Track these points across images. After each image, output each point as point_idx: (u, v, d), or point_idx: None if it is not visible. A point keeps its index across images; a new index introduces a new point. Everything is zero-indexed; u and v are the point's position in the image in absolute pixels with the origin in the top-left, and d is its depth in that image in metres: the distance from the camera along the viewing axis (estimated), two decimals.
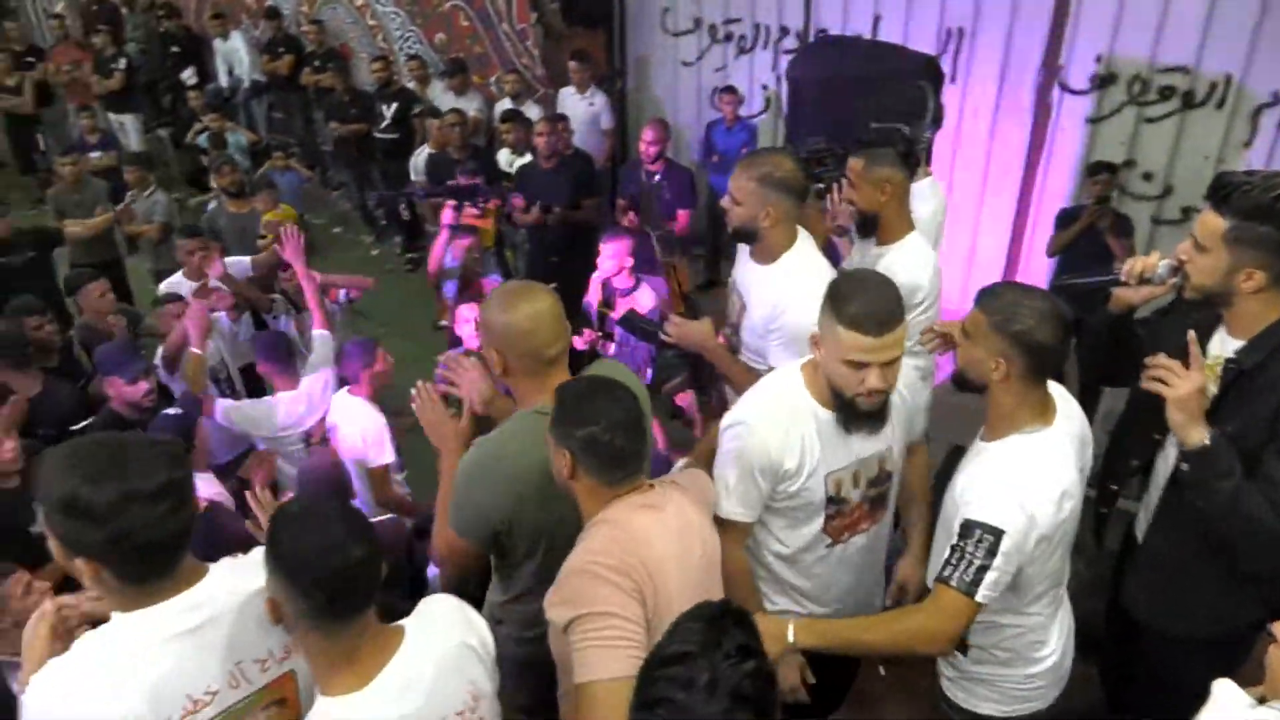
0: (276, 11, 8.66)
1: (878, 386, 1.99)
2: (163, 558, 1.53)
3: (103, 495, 1.43)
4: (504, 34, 7.32)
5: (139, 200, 6.41)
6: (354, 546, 1.51)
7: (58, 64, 8.82)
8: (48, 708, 1.48)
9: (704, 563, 1.95)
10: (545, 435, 1.90)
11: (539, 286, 2.11)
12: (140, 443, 1.54)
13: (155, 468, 1.47)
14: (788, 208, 2.59)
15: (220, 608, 1.59)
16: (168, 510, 1.47)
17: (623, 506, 1.85)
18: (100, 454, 1.48)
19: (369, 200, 8.12)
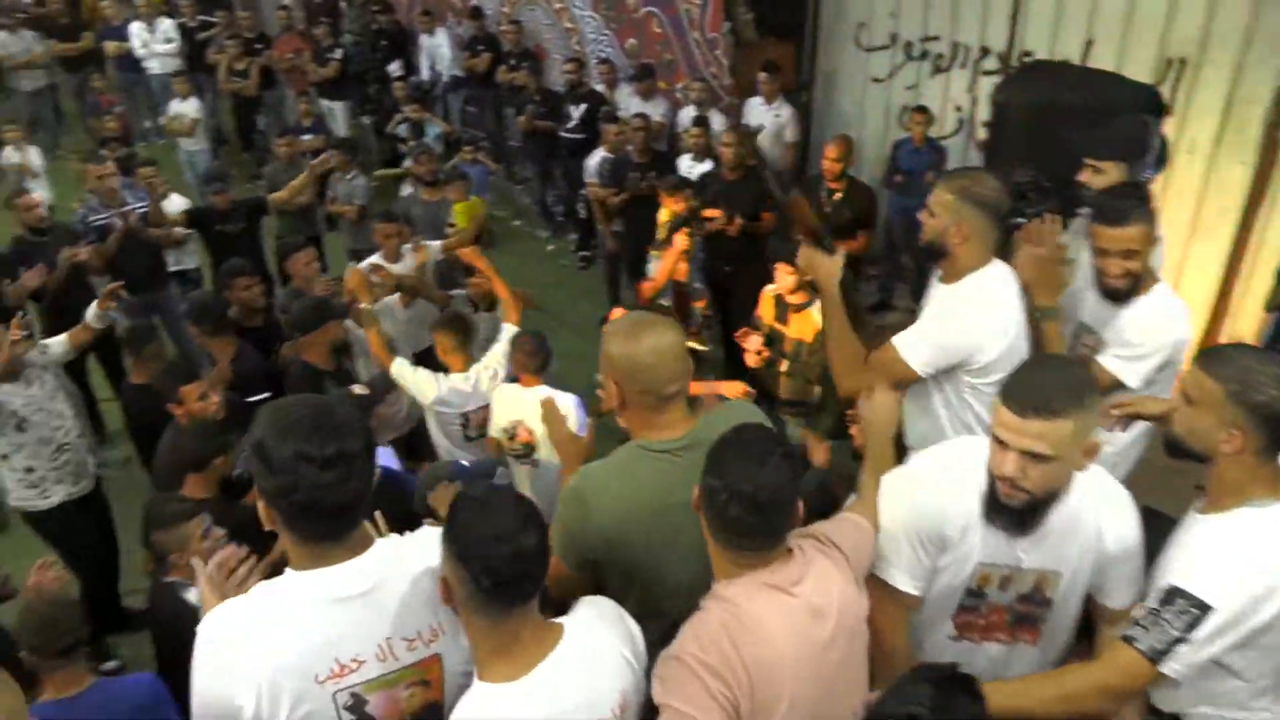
0: (480, 11, 9.05)
1: (1007, 474, 1.81)
2: (328, 522, 1.60)
3: (281, 450, 1.53)
4: (694, 41, 7.39)
5: (341, 183, 6.85)
6: (526, 536, 1.55)
7: (281, 52, 9.55)
8: (214, 644, 1.59)
9: (842, 648, 1.80)
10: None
11: (664, 320, 2.05)
12: (334, 412, 1.60)
13: (334, 438, 1.54)
14: (981, 227, 2.47)
15: (380, 581, 1.64)
16: (336, 479, 1.53)
17: (745, 585, 1.73)
18: (296, 412, 1.58)
19: (548, 197, 8.39)
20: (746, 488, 1.66)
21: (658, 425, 1.99)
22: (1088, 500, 1.93)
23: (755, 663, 1.66)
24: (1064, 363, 1.94)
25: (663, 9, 7.55)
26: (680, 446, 1.97)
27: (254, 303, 4.79)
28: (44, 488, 4.05)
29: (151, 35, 9.71)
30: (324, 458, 1.52)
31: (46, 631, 2.54)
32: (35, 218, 5.42)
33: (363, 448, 1.58)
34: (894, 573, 2.03)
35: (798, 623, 1.72)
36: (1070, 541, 1.95)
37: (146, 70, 9.85)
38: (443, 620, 1.69)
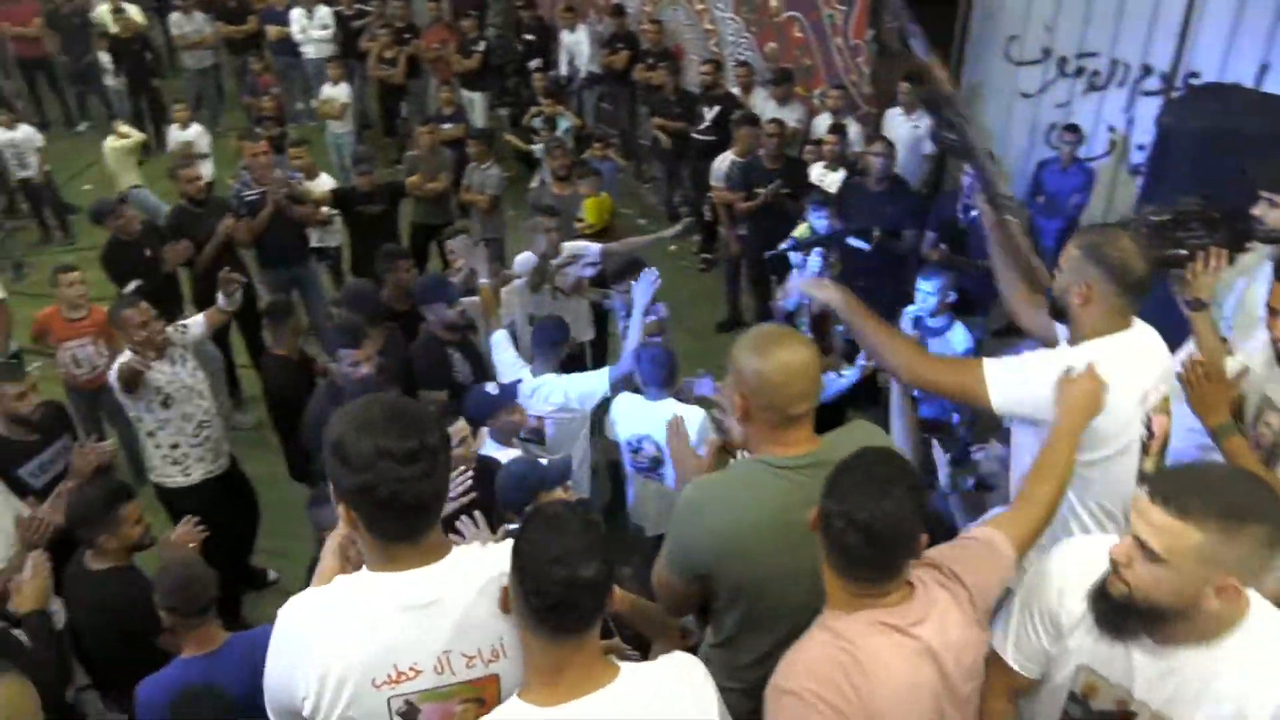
0: (621, 9, 9.14)
1: (1114, 555, 1.63)
2: (407, 519, 1.59)
3: (360, 445, 1.52)
4: (836, 48, 7.27)
5: (476, 172, 7.03)
6: (585, 566, 1.50)
7: (428, 43, 9.87)
8: (290, 629, 1.63)
9: (956, 692, 1.71)
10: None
11: (799, 336, 1.98)
12: (410, 408, 1.61)
13: (413, 432, 1.53)
14: (1107, 292, 2.20)
15: (447, 592, 1.62)
16: (416, 473, 1.52)
17: (861, 622, 1.67)
18: (373, 409, 1.57)
19: (675, 197, 8.40)
20: (864, 517, 1.61)
21: (781, 442, 1.94)
22: (1236, 663, 1.62)
23: (873, 708, 1.62)
24: (1242, 477, 1.65)
25: (805, 14, 7.46)
26: (803, 464, 1.92)
27: (409, 284, 4.93)
28: (186, 465, 4.25)
29: (310, 21, 10.17)
30: (404, 451, 1.51)
31: (184, 592, 2.67)
32: (195, 190, 5.77)
33: (440, 442, 1.58)
34: (999, 641, 1.86)
35: (917, 668, 1.66)
36: (1200, 702, 1.66)
37: (303, 55, 10.34)
38: (506, 643, 1.66)
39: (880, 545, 1.63)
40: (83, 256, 6.91)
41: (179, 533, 3.23)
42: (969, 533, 1.97)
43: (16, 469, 3.67)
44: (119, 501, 3.09)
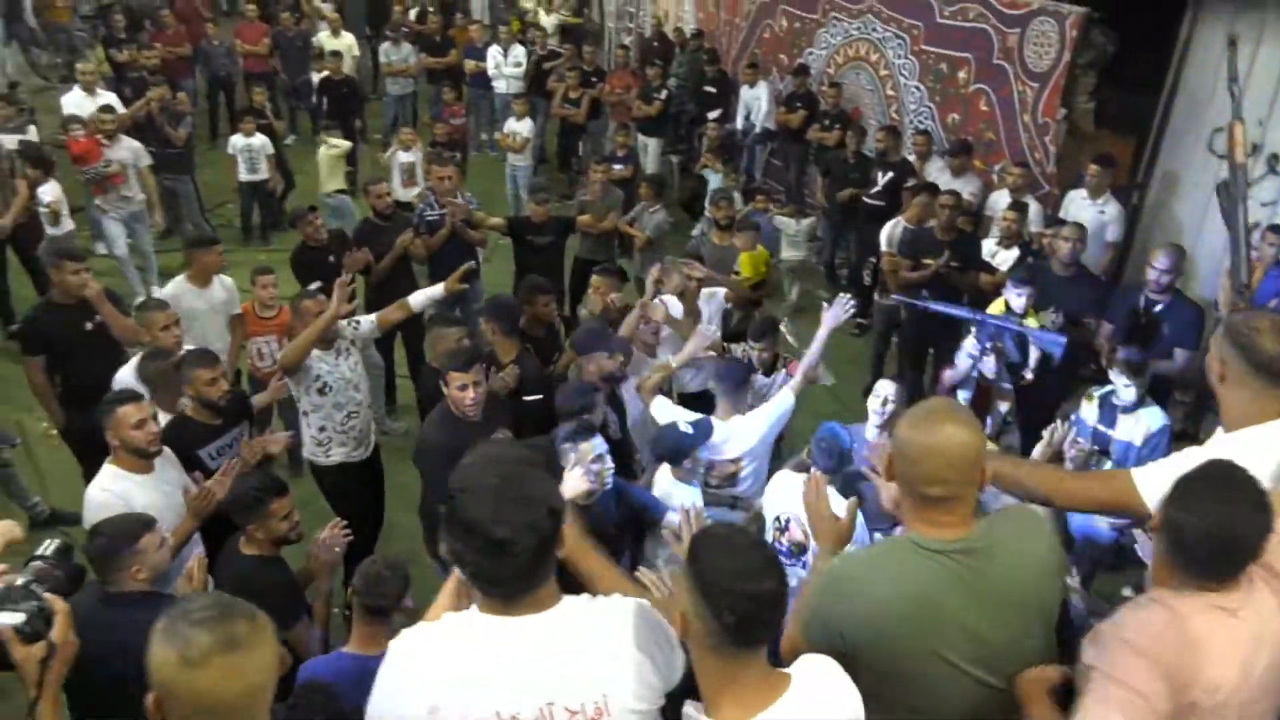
0: (805, 69, 9.21)
1: None
2: (500, 590, 1.61)
3: (463, 514, 1.55)
4: (1023, 125, 7.07)
5: (644, 213, 7.19)
6: (767, 579, 1.56)
7: (613, 86, 10.24)
8: (399, 662, 1.66)
9: (1267, 684, 1.72)
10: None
11: (964, 419, 1.86)
12: (529, 492, 1.58)
13: (513, 523, 1.53)
14: (1240, 371, 2.09)
15: (556, 643, 1.62)
16: (502, 564, 1.54)
17: (1193, 601, 1.71)
18: (489, 478, 1.57)
19: (835, 258, 8.32)
20: (1220, 531, 1.66)
21: (930, 521, 1.85)
22: None
23: (1203, 679, 1.66)
24: None
25: (995, 89, 7.29)
26: (956, 549, 1.83)
27: (547, 318, 5.09)
28: (328, 447, 4.52)
29: (504, 59, 10.76)
30: (493, 540, 1.52)
31: (371, 586, 2.83)
32: (383, 205, 6.14)
33: (537, 541, 1.55)
34: None
35: (1243, 648, 1.69)
36: None
37: (494, 89, 10.93)
38: (610, 700, 1.63)
39: (1232, 556, 1.69)
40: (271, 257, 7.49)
41: (325, 534, 3.38)
42: None
43: (197, 450, 3.92)
44: (269, 496, 3.26)
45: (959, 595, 1.80)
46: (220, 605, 1.44)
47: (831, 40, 9.26)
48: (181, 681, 1.38)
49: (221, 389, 3.94)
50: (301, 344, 4.26)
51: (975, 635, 1.83)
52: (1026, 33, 6.98)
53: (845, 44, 9.07)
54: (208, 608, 1.43)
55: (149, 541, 2.86)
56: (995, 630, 1.84)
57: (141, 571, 2.83)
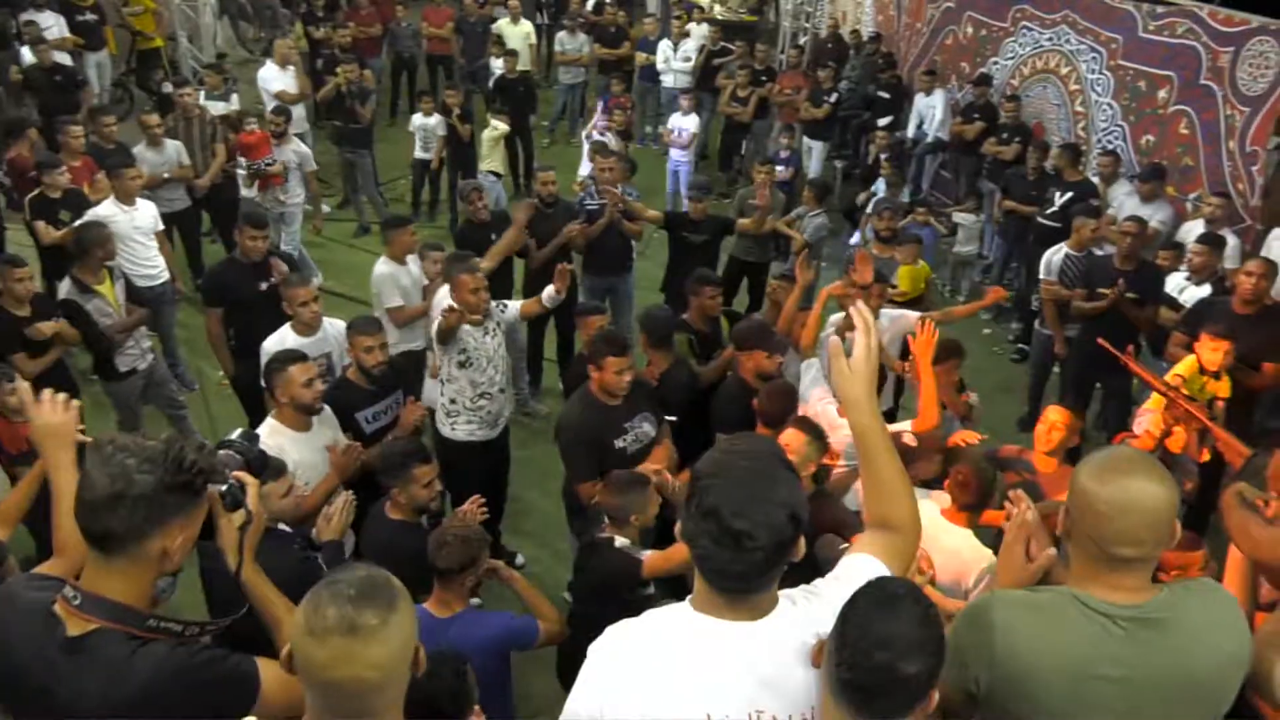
0: (987, 79, 8.81)
1: None
2: (721, 582, 1.55)
3: (704, 499, 1.50)
4: (1227, 152, 6.52)
5: (806, 216, 7.06)
6: (911, 660, 1.42)
7: (782, 87, 10.10)
8: (602, 661, 1.62)
9: None
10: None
11: (1157, 470, 1.67)
12: (778, 492, 1.52)
13: (755, 518, 1.48)
14: None
15: (767, 649, 1.56)
16: (733, 556, 1.49)
17: None
18: (738, 469, 1.53)
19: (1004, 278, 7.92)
20: None
21: (1105, 582, 1.69)
22: None
23: None
24: None
25: (1197, 111, 6.76)
26: (1126, 616, 1.66)
27: (712, 311, 5.08)
28: (455, 420, 4.60)
29: (674, 53, 10.79)
30: (731, 531, 1.48)
31: (439, 550, 2.90)
32: (547, 192, 6.26)
33: (774, 542, 1.49)
34: None
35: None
36: None
37: (661, 83, 10.98)
38: (817, 712, 1.56)
39: None
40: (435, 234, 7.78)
41: (464, 508, 3.45)
42: None
43: (355, 412, 4.11)
44: (413, 461, 3.39)
45: (1120, 667, 1.65)
46: (364, 587, 1.43)
47: (1019, 50, 8.81)
48: (301, 646, 1.41)
49: (377, 358, 4.09)
50: (452, 320, 4.35)
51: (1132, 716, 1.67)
52: (1241, 52, 6.44)
53: (1034, 54, 8.62)
54: (352, 584, 1.43)
55: (273, 489, 3.01)
56: (1160, 715, 1.68)
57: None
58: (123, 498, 1.60)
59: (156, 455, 1.63)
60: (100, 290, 5.00)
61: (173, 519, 1.66)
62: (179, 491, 1.66)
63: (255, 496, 1.94)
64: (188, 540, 1.71)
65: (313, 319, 4.51)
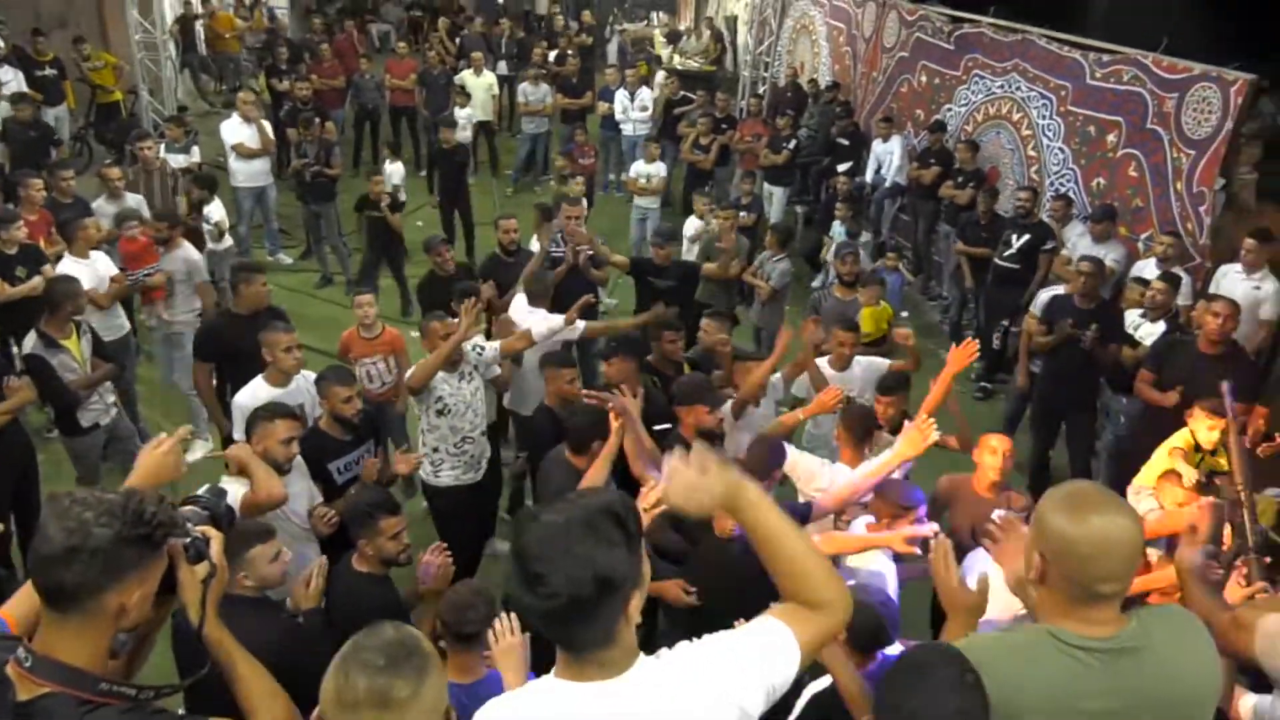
0: (942, 126, 9.03)
1: None
2: (559, 640, 1.52)
3: (518, 539, 1.48)
4: (1175, 193, 6.71)
5: (768, 261, 7.13)
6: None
7: (742, 134, 10.28)
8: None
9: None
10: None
11: (1122, 504, 1.70)
12: (576, 545, 1.46)
13: (559, 561, 1.44)
14: None
15: (629, 710, 1.51)
16: (534, 599, 1.45)
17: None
18: (557, 522, 1.48)
19: (964, 319, 8.05)
20: None
21: (1081, 618, 1.70)
22: None
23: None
24: None
25: (1146, 155, 6.96)
26: (1102, 648, 1.67)
27: (673, 355, 5.10)
28: (439, 467, 4.62)
29: (631, 103, 10.95)
30: (526, 574, 1.45)
31: (456, 613, 2.80)
32: (508, 240, 6.26)
33: (570, 590, 1.44)
34: None
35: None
36: None
37: (622, 131, 11.12)
38: None
39: None
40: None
41: (428, 557, 3.30)
42: None
43: (328, 463, 4.05)
44: (380, 513, 3.29)
45: (1100, 700, 1.65)
46: (395, 654, 1.39)
47: (972, 97, 9.06)
48: (333, 717, 1.39)
49: (356, 407, 4.06)
50: (431, 363, 4.39)
51: None
52: (1186, 98, 6.66)
53: (986, 101, 8.86)
54: (381, 651, 1.39)
55: (260, 552, 2.93)
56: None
57: (249, 579, 2.91)
58: (78, 551, 1.52)
59: (115, 508, 1.56)
60: (67, 345, 4.88)
61: (130, 573, 1.58)
62: (137, 545, 1.58)
63: (219, 550, 1.89)
64: (145, 597, 1.64)
65: (294, 367, 4.42)
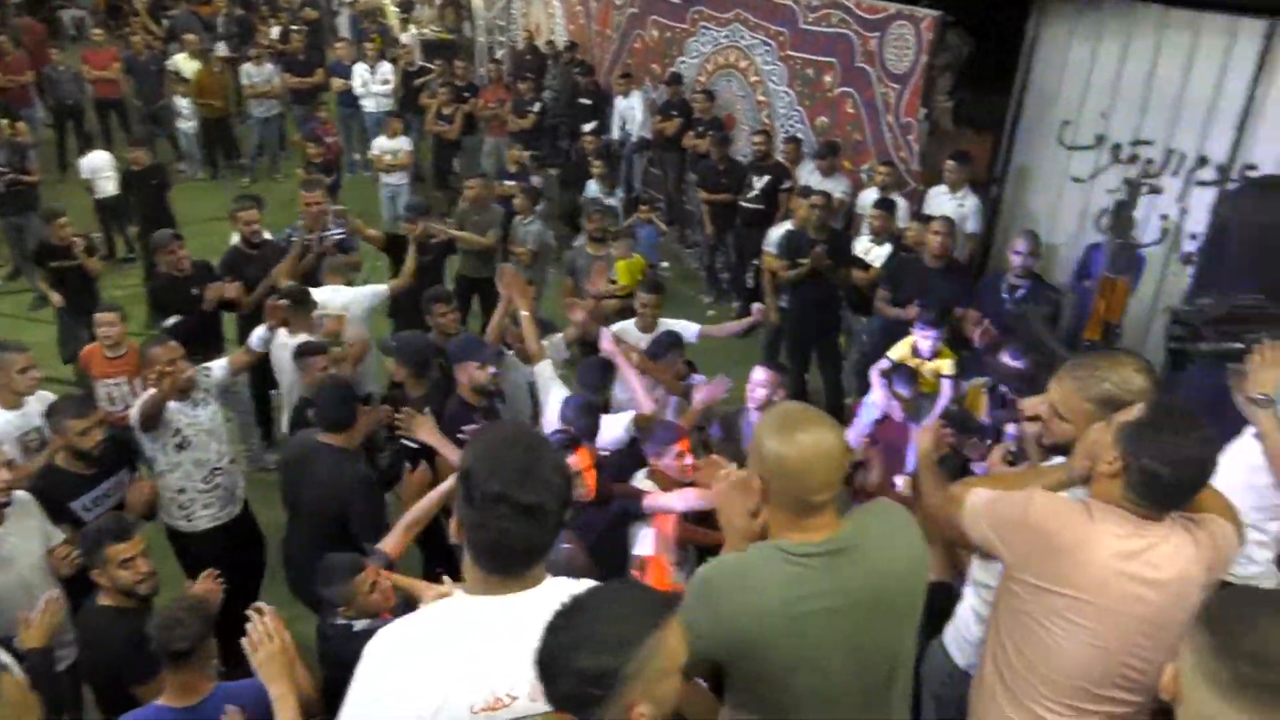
0: (678, 78, 9.30)
1: None
2: (508, 562, 1.62)
3: (486, 486, 1.55)
4: (887, 125, 7.29)
5: (520, 226, 7.12)
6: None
7: (486, 101, 10.13)
8: (381, 664, 1.61)
9: (1161, 622, 1.95)
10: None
11: (825, 419, 1.85)
12: (544, 463, 1.60)
13: (537, 489, 1.56)
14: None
15: (544, 619, 1.55)
16: (526, 529, 1.56)
17: (1114, 514, 1.96)
18: (512, 454, 1.58)
19: (717, 262, 8.42)
20: (1173, 459, 1.85)
21: (800, 528, 1.84)
22: None
23: (1082, 565, 1.94)
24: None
25: (859, 91, 7.51)
26: (821, 552, 1.82)
27: (449, 329, 4.98)
28: (191, 511, 4.17)
29: (371, 76, 10.52)
30: (523, 505, 1.54)
31: (167, 631, 2.59)
32: (250, 232, 5.86)
33: (560, 505, 1.60)
34: None
35: (1136, 572, 1.91)
36: None
37: (362, 107, 10.66)
38: None
39: (1181, 484, 1.88)
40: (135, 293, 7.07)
41: (197, 587, 3.15)
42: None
43: (69, 502, 3.68)
44: (106, 539, 3.03)
45: (825, 599, 1.80)
46: None
47: (702, 49, 9.38)
48: None
49: (95, 438, 3.70)
50: (156, 400, 3.96)
51: (846, 637, 1.83)
52: (885, 36, 7.21)
53: (715, 52, 9.20)
54: None
55: None
56: (866, 629, 1.84)
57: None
58: None
59: None
60: None
61: None
62: None
63: None
64: None
65: (29, 387, 4.02)
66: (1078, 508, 1.97)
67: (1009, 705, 2.07)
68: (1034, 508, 2.00)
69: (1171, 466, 1.85)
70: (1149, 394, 2.08)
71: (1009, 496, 2.07)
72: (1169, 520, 1.93)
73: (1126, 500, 1.93)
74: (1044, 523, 1.97)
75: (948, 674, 2.56)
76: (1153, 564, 1.89)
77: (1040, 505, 2.01)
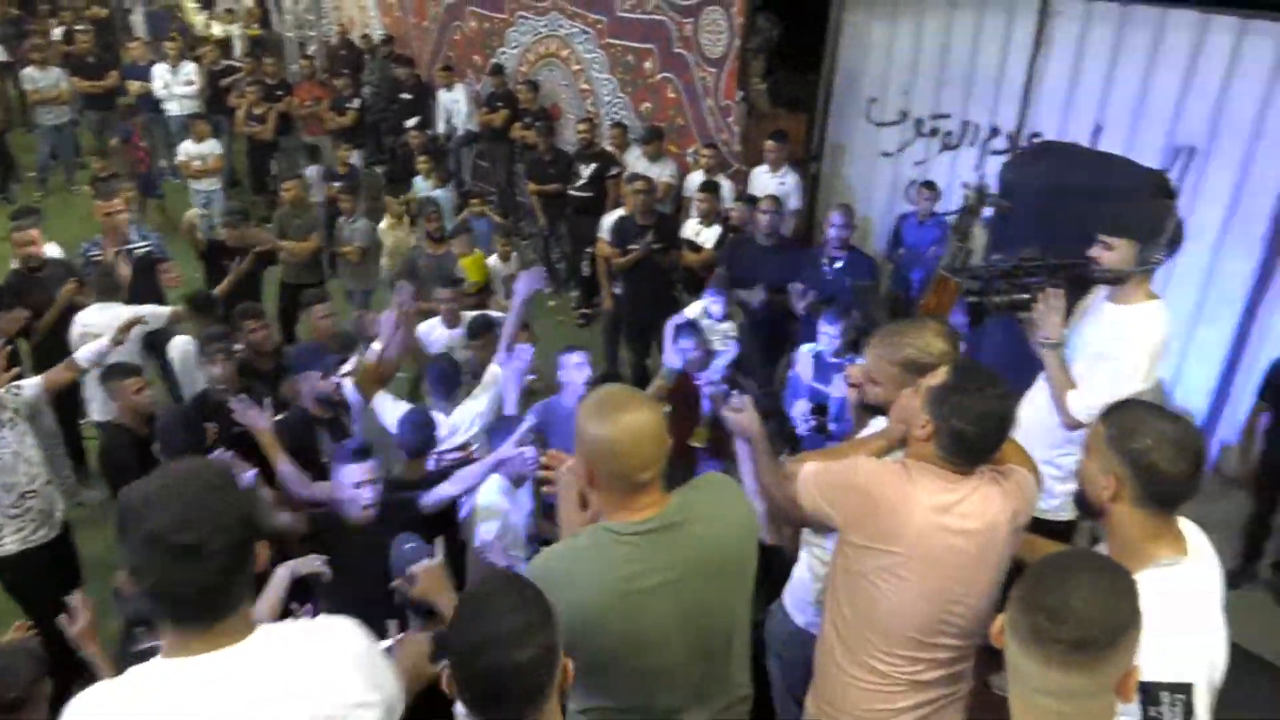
0: (501, 69, 9.18)
1: None
2: (183, 610, 1.43)
3: (137, 526, 1.37)
4: (708, 109, 7.46)
5: (345, 226, 6.89)
6: (520, 649, 1.44)
7: (301, 99, 9.69)
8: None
9: (980, 566, 2.08)
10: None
11: (644, 399, 1.89)
12: (224, 500, 1.42)
13: (203, 527, 1.38)
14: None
15: (253, 677, 1.45)
16: (193, 571, 1.38)
17: (928, 471, 2.07)
18: (167, 487, 1.41)
19: (552, 253, 8.40)
20: (977, 413, 1.97)
21: (629, 507, 1.86)
22: None
23: (904, 521, 2.03)
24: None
25: (678, 76, 7.64)
26: (648, 529, 1.84)
27: (263, 346, 4.70)
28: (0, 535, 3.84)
29: (174, 77, 9.87)
30: (180, 547, 1.35)
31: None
32: (28, 254, 5.33)
33: (228, 546, 1.39)
34: None
35: (953, 525, 2.02)
36: None
37: (165, 111, 10.00)
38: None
39: (986, 439, 2.01)
40: None
41: (8, 638, 2.86)
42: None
43: None
44: None
45: (656, 575, 1.83)
46: None
47: (521, 39, 9.31)
48: None
49: None
50: None
51: (682, 608, 1.86)
52: (700, 21, 7.37)
53: (536, 41, 9.15)
54: None
55: None
56: (701, 598, 1.89)
57: None
58: None
59: None
60: None
61: None
62: None
63: None
64: None
65: None
66: (896, 469, 2.08)
67: (846, 660, 2.17)
68: (858, 472, 2.11)
69: (976, 424, 1.98)
70: (949, 356, 2.24)
71: (835, 465, 2.17)
72: (978, 473, 2.07)
73: (939, 459, 2.05)
74: (868, 486, 2.07)
75: (789, 633, 2.65)
76: (964, 515, 2.01)
77: (864, 470, 2.11)
